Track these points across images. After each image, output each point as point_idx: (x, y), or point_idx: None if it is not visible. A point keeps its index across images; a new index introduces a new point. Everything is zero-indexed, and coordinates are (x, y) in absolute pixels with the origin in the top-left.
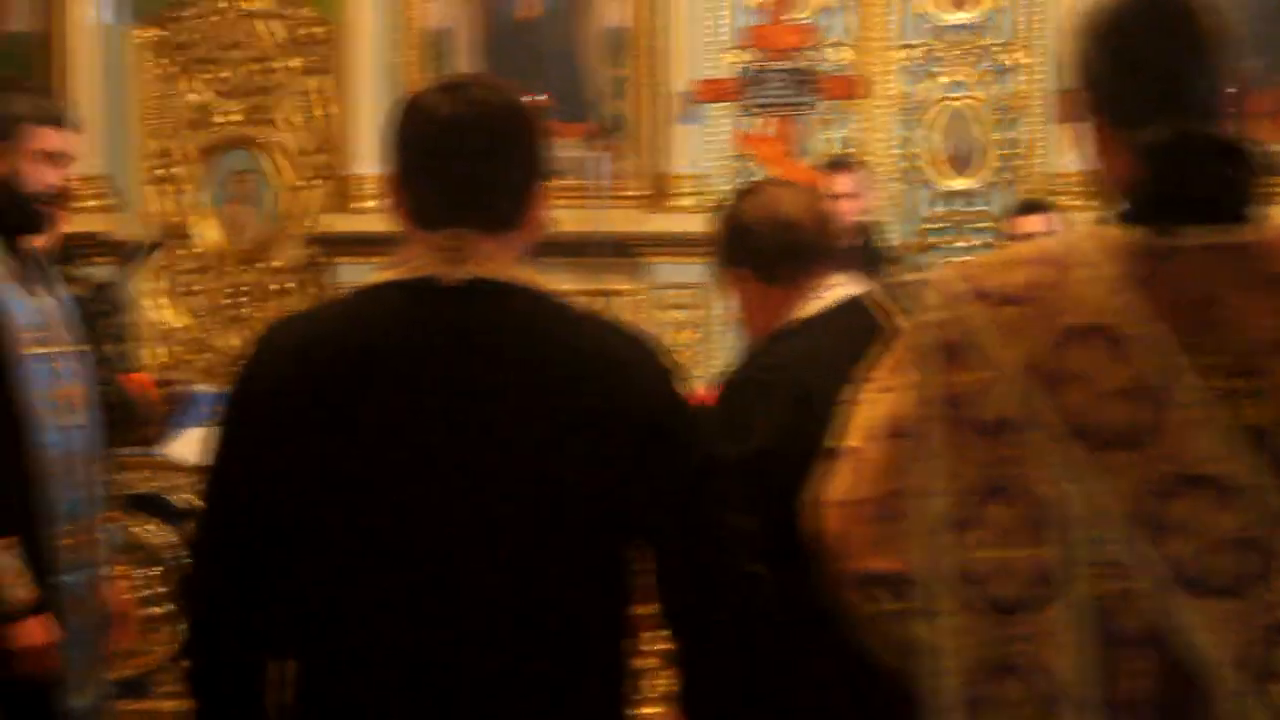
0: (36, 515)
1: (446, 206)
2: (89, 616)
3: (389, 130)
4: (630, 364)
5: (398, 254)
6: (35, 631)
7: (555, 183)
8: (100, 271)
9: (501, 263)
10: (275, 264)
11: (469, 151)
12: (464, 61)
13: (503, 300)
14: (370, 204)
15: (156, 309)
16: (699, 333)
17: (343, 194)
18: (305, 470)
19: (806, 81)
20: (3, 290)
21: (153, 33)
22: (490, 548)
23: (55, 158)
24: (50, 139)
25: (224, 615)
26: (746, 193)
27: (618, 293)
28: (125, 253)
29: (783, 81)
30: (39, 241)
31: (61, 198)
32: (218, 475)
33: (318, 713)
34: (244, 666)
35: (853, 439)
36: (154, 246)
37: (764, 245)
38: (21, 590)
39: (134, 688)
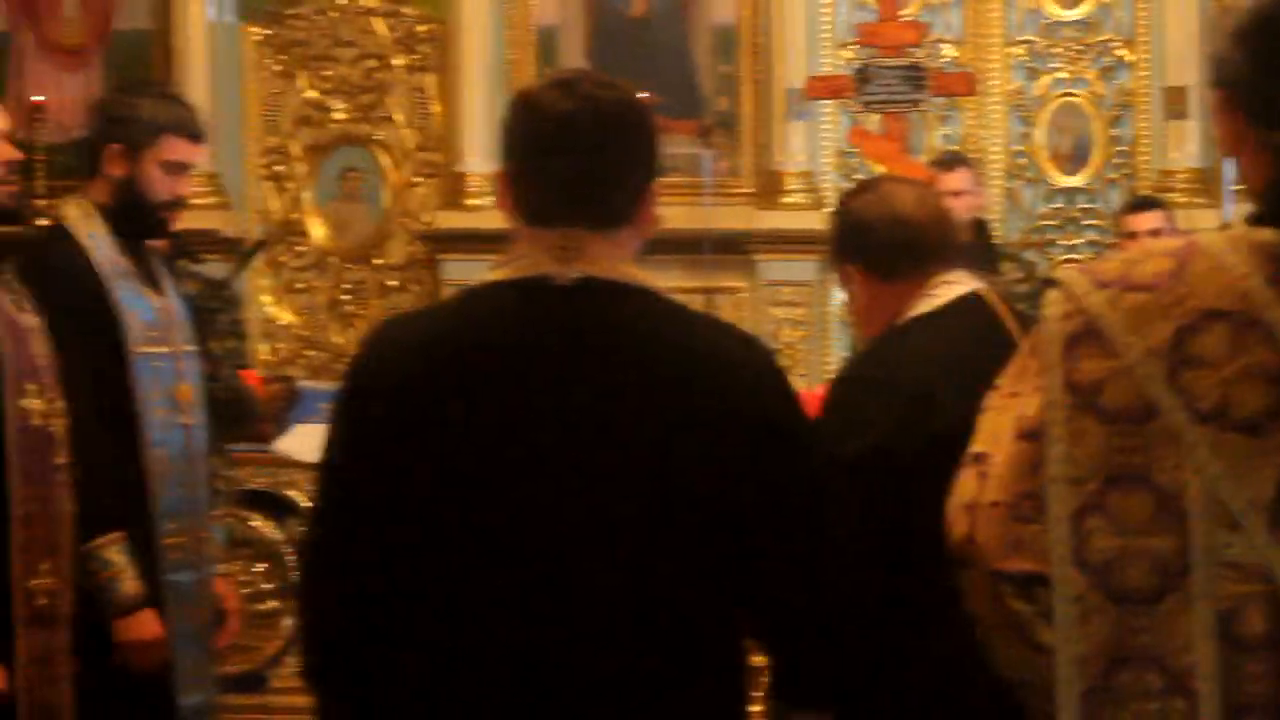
0: (145, 514)
1: (558, 204)
2: (198, 616)
3: (503, 127)
4: (743, 364)
5: (509, 252)
6: (144, 625)
7: (664, 180)
8: (213, 269)
9: (613, 261)
10: (384, 261)
11: (581, 148)
12: (573, 59)
13: (614, 299)
14: (479, 201)
15: (266, 306)
16: (807, 331)
17: (452, 191)
18: (419, 468)
19: (919, 78)
20: (122, 290)
21: (265, 30)
22: (604, 547)
23: (181, 168)
24: (183, 151)
25: (341, 612)
26: (862, 189)
27: (726, 290)
28: (238, 250)
29: (895, 78)
30: (157, 243)
31: (180, 206)
32: (332, 472)
33: (432, 710)
34: (362, 663)
35: (980, 444)
36: (264, 244)
37: (880, 242)
38: (130, 584)
39: (247, 682)
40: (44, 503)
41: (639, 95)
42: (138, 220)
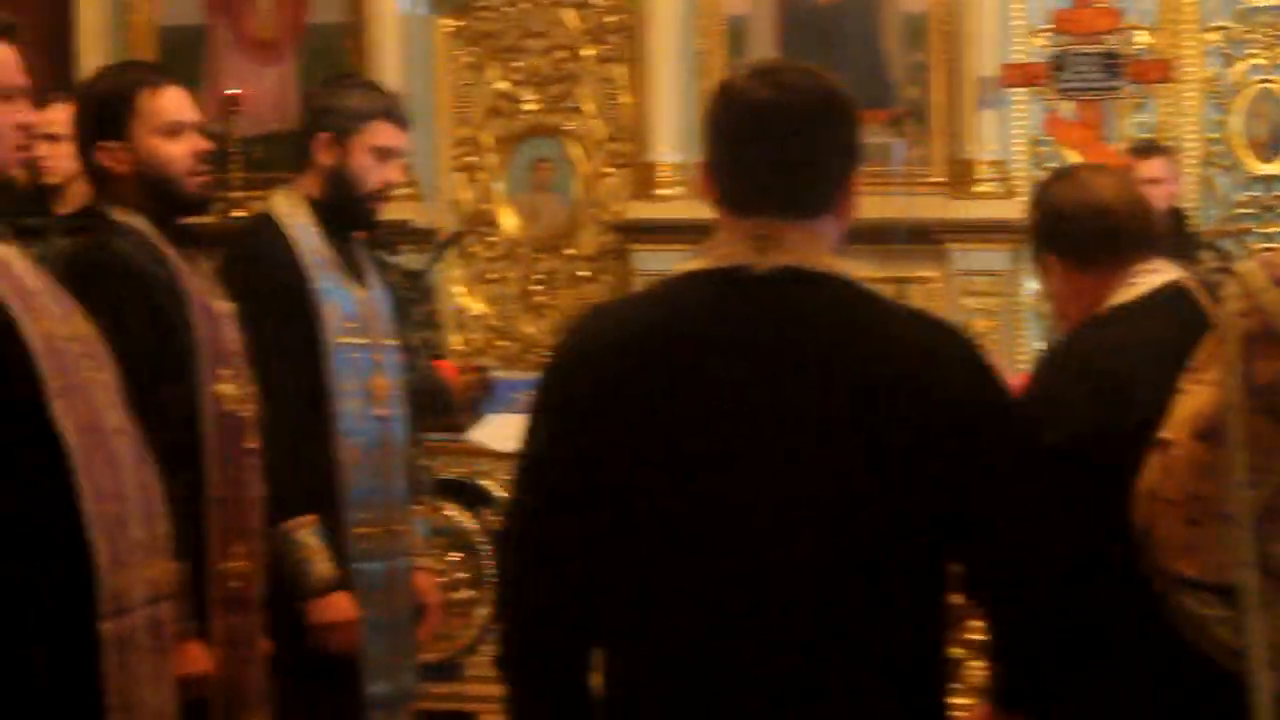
0: (336, 503)
1: (757, 193)
2: (390, 607)
3: (704, 117)
4: (947, 355)
5: (709, 242)
6: (336, 607)
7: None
8: (409, 259)
9: (813, 251)
10: (575, 252)
11: (781, 137)
12: (762, 48)
13: (814, 289)
14: (670, 191)
15: (458, 296)
16: (999, 321)
17: (643, 181)
18: (619, 458)
19: (1115, 65)
20: (323, 281)
21: (456, 22)
22: (806, 541)
23: (389, 153)
24: (390, 135)
25: (539, 602)
26: (1059, 177)
27: (918, 280)
28: (435, 241)
29: (1091, 65)
30: (361, 235)
31: (390, 193)
32: (531, 462)
33: (627, 703)
34: (561, 654)
35: (1168, 431)
36: (461, 234)
37: (1079, 231)
38: (322, 566)
39: (442, 671)
40: (237, 486)
41: (840, 85)
42: (348, 208)
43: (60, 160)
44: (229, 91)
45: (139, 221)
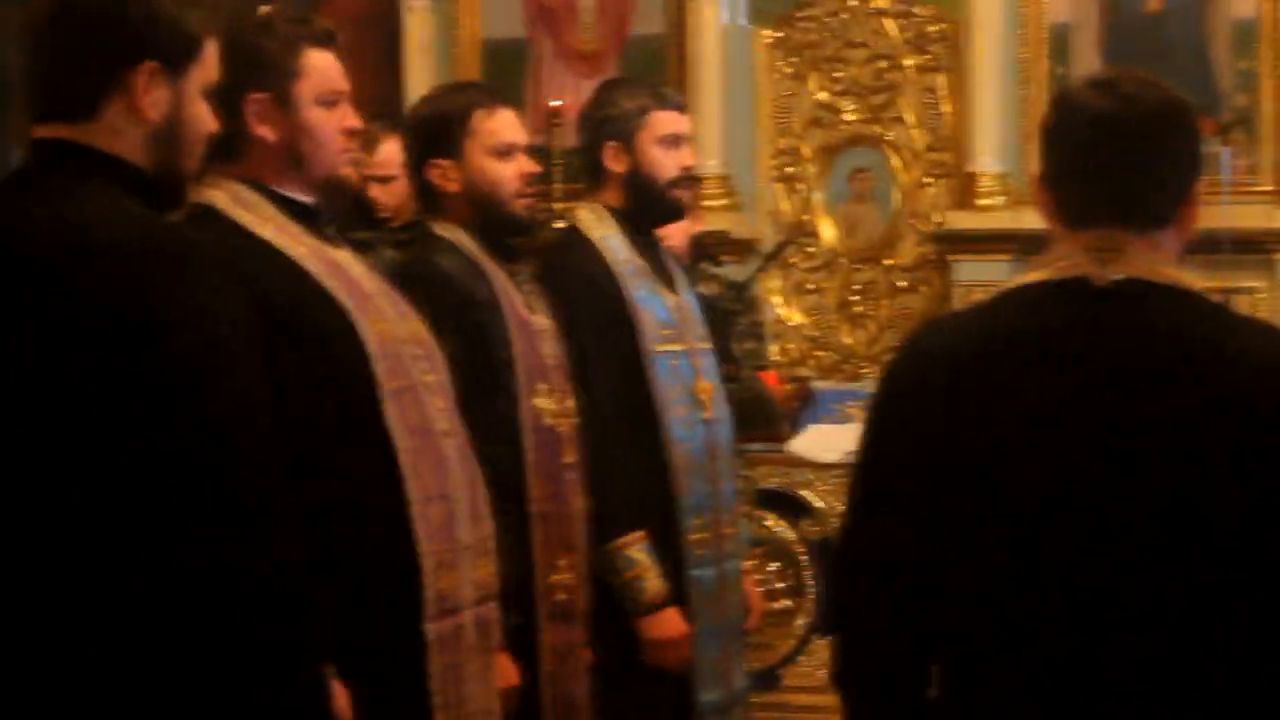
0: (668, 511)
1: (1096, 205)
2: (721, 612)
3: (1041, 129)
4: None
5: (1045, 253)
6: (668, 624)
7: None
8: (732, 270)
9: (1154, 263)
10: (894, 262)
11: (1120, 148)
12: (1086, 57)
13: (1154, 301)
14: (990, 201)
15: (776, 306)
16: None
17: (963, 191)
18: (959, 472)
19: None
20: (637, 289)
21: (777, 33)
22: (1144, 572)
23: (676, 139)
24: (672, 122)
25: (878, 617)
26: None
27: (1244, 290)
28: (758, 251)
29: None
30: (674, 240)
31: (690, 181)
32: (867, 476)
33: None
34: (900, 670)
35: None
36: (788, 244)
37: None
38: (653, 583)
39: (761, 680)
40: (558, 501)
41: (1180, 95)
42: (653, 206)
43: (394, 198)
44: (552, 104)
45: (462, 237)
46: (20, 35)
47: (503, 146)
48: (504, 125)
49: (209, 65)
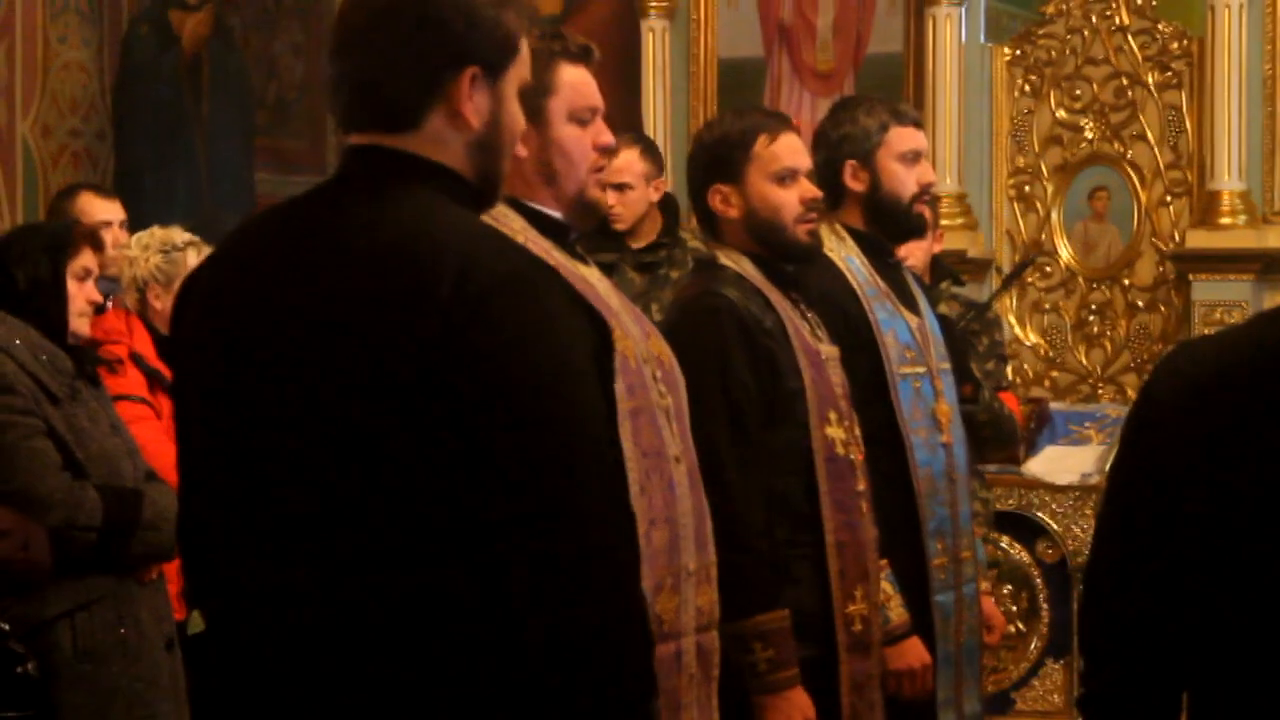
0: (912, 537)
1: None
2: (954, 636)
3: None
4: None
5: None
6: (912, 653)
7: None
8: (973, 290)
9: None
10: (1132, 281)
11: None
12: None
13: None
14: (1232, 220)
15: (1012, 326)
16: None
17: (1204, 210)
18: (1223, 506)
19: None
20: (880, 312)
21: (1016, 50)
22: None
23: (915, 155)
24: (910, 138)
25: (1134, 645)
26: None
27: None
28: (1002, 271)
29: None
30: (914, 259)
31: (930, 198)
32: (1118, 493)
33: None
34: (1151, 700)
35: None
36: (1027, 264)
37: None
38: (897, 612)
39: (996, 703)
40: (852, 529)
41: None
42: (895, 224)
43: (629, 208)
44: None
45: (747, 266)
46: (333, 46)
47: (785, 171)
48: (787, 150)
49: (524, 64)
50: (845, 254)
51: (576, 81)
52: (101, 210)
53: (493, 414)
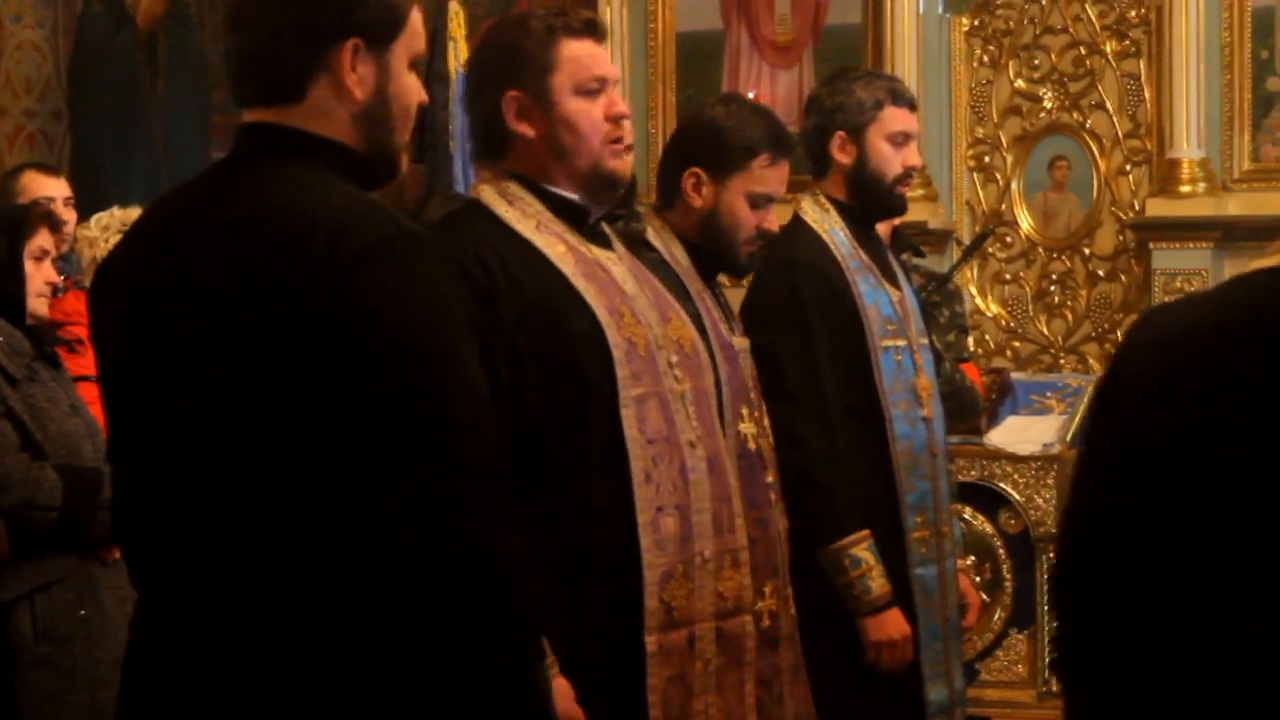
0: (891, 510)
1: None
2: (939, 611)
3: None
4: None
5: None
6: (891, 624)
7: None
8: (933, 262)
9: None
10: (1092, 251)
11: None
12: None
13: None
14: (1190, 188)
15: (973, 297)
16: None
17: (1163, 179)
18: (1179, 465)
19: None
20: (862, 284)
21: (974, 21)
22: None
23: (905, 138)
24: (903, 120)
25: (1104, 606)
26: None
27: None
28: (959, 242)
29: None
30: (878, 229)
31: (911, 180)
32: (1095, 497)
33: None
34: (1122, 658)
35: None
36: (987, 235)
37: None
38: (878, 583)
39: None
40: (762, 526)
41: None
42: (876, 203)
43: None
44: (748, 96)
45: (676, 251)
46: (223, 22)
47: (759, 198)
48: (776, 178)
49: (415, 35)
50: (829, 226)
51: (579, 55)
52: (46, 187)
53: (362, 378)
